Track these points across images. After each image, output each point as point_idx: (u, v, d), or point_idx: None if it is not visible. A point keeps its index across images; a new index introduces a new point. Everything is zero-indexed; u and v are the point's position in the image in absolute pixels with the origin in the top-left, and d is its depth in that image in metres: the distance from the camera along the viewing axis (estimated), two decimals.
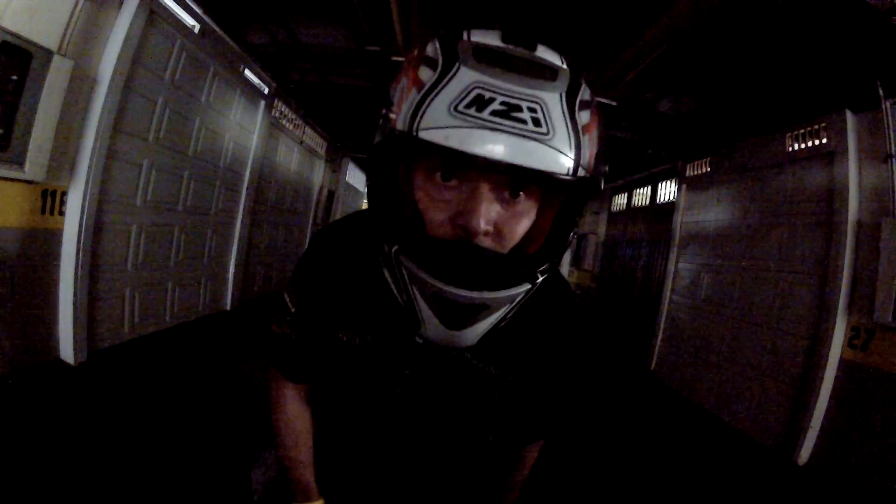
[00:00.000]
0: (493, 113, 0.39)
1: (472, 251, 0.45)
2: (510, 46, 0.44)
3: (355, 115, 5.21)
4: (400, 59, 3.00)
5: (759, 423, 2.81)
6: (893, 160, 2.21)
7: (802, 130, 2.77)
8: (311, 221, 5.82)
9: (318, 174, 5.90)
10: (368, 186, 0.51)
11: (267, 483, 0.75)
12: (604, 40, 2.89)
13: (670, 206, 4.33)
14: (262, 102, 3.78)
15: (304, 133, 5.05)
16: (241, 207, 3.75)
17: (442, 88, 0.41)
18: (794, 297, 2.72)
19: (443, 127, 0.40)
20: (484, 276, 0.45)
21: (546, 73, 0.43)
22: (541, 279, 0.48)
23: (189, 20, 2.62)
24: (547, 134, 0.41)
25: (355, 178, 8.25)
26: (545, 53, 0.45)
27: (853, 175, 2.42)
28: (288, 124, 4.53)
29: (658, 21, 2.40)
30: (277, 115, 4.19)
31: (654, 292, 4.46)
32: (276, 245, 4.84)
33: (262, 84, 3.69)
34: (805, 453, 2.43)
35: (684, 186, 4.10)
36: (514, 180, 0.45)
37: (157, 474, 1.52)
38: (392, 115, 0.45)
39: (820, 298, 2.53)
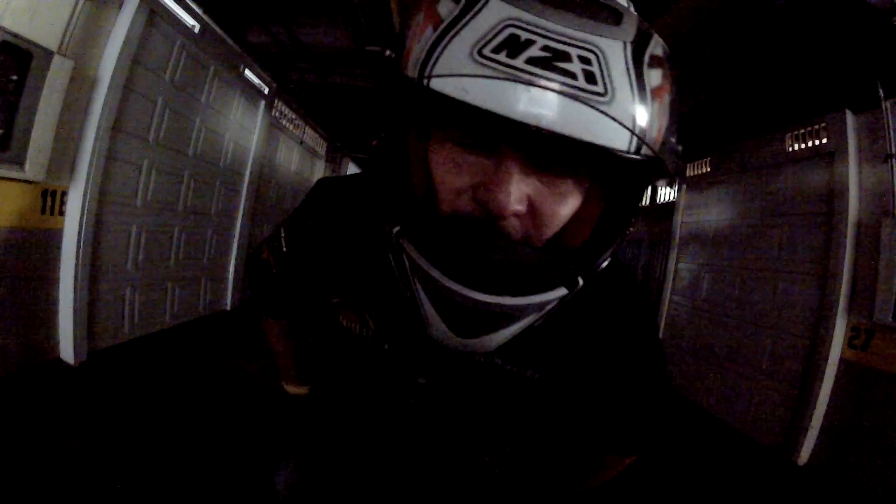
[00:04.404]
0: (531, 61, 0.29)
1: (493, 237, 0.34)
2: None
3: (355, 115, 5.21)
4: None
5: (759, 423, 2.81)
6: (893, 160, 2.20)
7: (802, 130, 2.77)
8: None
9: (318, 174, 5.90)
10: (373, 152, 0.43)
11: (290, 486, 0.72)
12: None
13: (670, 206, 4.32)
14: (262, 102, 3.78)
15: (304, 133, 5.04)
16: (241, 207, 3.75)
17: (464, 26, 0.31)
18: (794, 297, 2.72)
19: (460, 75, 0.30)
20: (506, 275, 0.34)
21: (606, 14, 0.32)
22: (581, 284, 0.37)
23: (189, 20, 2.62)
24: (604, 95, 0.30)
25: None
26: None
27: (853, 175, 2.42)
28: (288, 124, 4.53)
29: (658, 20, 2.40)
30: (277, 115, 4.19)
31: (654, 292, 4.46)
32: None
33: (262, 84, 3.69)
34: (805, 453, 2.43)
35: (684, 186, 4.10)
36: (556, 151, 0.34)
37: (158, 474, 1.52)
38: (401, 59, 0.35)
39: (820, 298, 2.53)
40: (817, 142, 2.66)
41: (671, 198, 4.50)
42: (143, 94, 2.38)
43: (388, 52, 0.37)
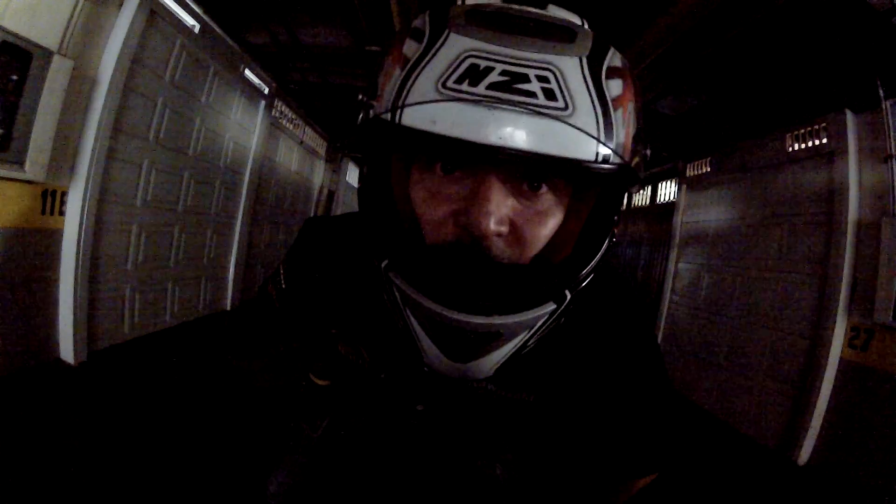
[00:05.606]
0: (492, 86, 0.31)
1: (477, 260, 0.35)
2: (513, 6, 0.35)
3: (356, 116, 5.21)
4: None
5: (759, 423, 2.81)
6: (893, 160, 2.21)
7: (802, 130, 2.77)
8: None
9: (318, 174, 5.90)
10: (359, 189, 0.42)
11: (283, 491, 0.72)
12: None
13: (670, 206, 4.33)
14: (262, 102, 3.78)
15: (304, 133, 5.05)
16: (241, 207, 3.75)
17: (427, 62, 0.33)
18: (794, 297, 2.72)
19: (428, 102, 0.31)
20: (493, 295, 0.35)
21: (560, 34, 0.34)
22: (570, 297, 0.38)
23: (189, 20, 2.62)
24: (565, 109, 0.31)
25: (355, 178, 8.23)
26: (558, 12, 0.37)
27: (853, 175, 2.42)
28: (288, 124, 4.53)
29: (658, 21, 2.40)
30: (277, 115, 4.19)
31: (654, 292, 4.46)
32: (276, 245, 4.84)
33: (262, 84, 3.68)
34: (805, 453, 2.43)
35: (684, 186, 4.10)
36: (531, 169, 0.36)
37: (158, 475, 1.52)
38: (374, 102, 0.36)
39: (820, 298, 2.53)
40: (817, 142, 2.66)
41: (671, 198, 4.50)
42: (143, 94, 2.38)
43: (361, 97, 0.39)
